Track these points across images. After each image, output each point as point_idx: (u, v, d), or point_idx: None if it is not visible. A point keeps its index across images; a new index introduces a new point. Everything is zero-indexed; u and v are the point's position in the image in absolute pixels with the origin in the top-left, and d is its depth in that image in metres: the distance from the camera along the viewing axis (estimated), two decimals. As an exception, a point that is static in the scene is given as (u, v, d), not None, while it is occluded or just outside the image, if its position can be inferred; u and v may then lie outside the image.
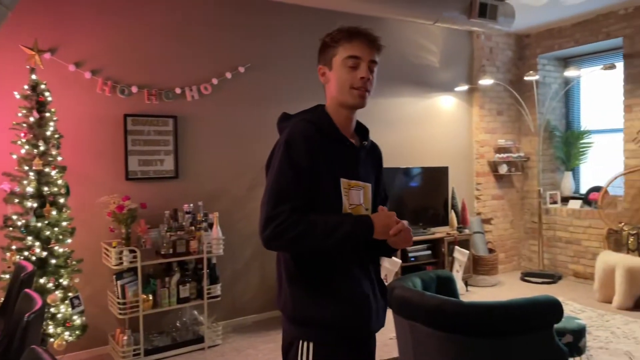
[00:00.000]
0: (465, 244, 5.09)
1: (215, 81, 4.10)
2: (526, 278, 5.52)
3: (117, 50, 3.74)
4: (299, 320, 1.45)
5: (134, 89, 3.77)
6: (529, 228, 6.01)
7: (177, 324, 3.79)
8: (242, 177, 4.28)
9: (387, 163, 5.74)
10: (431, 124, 5.45)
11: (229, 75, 4.16)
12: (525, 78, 5.43)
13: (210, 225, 3.80)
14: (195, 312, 3.90)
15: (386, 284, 1.61)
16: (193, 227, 3.69)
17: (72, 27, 3.59)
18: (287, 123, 1.54)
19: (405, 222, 1.42)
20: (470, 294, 4.99)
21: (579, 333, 2.74)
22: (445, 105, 5.57)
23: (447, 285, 2.89)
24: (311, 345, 1.42)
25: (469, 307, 2.21)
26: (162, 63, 3.92)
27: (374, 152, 1.66)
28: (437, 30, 5.36)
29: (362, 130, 1.62)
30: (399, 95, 5.15)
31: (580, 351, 2.76)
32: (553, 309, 2.30)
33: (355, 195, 1.50)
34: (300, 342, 1.44)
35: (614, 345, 3.57)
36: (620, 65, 5.09)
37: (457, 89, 5.60)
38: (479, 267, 5.35)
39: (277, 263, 1.55)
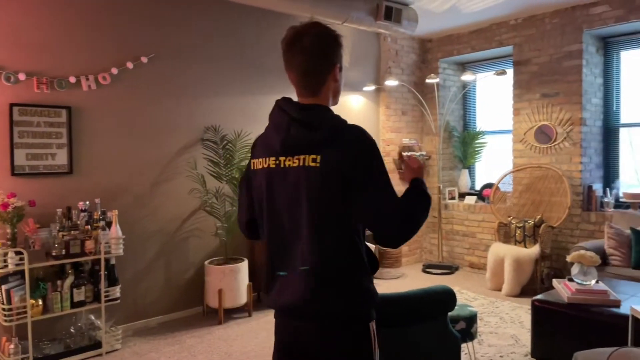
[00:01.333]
0: (371, 238, 5.26)
1: (115, 71, 3.86)
2: (427, 270, 5.84)
3: (1, 33, 3.40)
4: (366, 305, 1.46)
5: (22, 76, 3.44)
6: (430, 222, 6.36)
7: (72, 330, 3.53)
8: (145, 173, 4.08)
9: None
10: (340, 122, 5.55)
11: (130, 65, 3.94)
12: (427, 81, 5.72)
13: (109, 224, 3.58)
14: (92, 317, 3.66)
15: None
16: (89, 226, 3.45)
17: (-54, 4, 3.20)
18: (333, 116, 1.48)
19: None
20: (376, 287, 5.16)
21: (471, 320, 2.94)
22: (355, 104, 5.71)
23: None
24: (374, 323, 1.48)
25: (370, 300, 2.29)
26: (55, 49, 3.61)
27: None
28: (347, 30, 5.47)
29: None
30: (309, 92, 5.19)
31: (472, 336, 2.95)
32: (447, 298, 2.45)
33: None
34: (370, 325, 1.46)
35: (502, 329, 3.88)
36: (511, 71, 5.54)
37: (365, 88, 5.77)
38: (384, 260, 5.56)
39: (325, 266, 1.41)
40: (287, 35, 1.45)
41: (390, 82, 5.68)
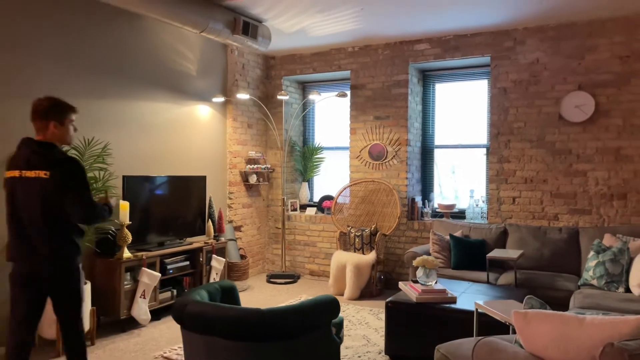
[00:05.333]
0: (221, 251, 5.20)
1: None
2: (271, 280, 5.99)
3: None
4: None
5: None
6: (273, 233, 6.54)
7: None
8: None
9: (140, 171, 5.38)
10: (188, 132, 5.38)
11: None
12: (278, 97, 5.90)
13: None
14: None
15: (145, 300, 1.94)
16: None
17: None
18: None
19: None
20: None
21: (340, 325, 3.16)
22: (202, 115, 5.59)
23: (230, 295, 2.94)
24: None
25: (268, 315, 2.32)
26: None
27: None
28: (193, 38, 5.34)
29: None
30: (153, 99, 4.92)
31: (341, 340, 3.17)
32: (332, 306, 2.61)
33: None
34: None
35: (353, 331, 4.22)
36: (349, 93, 6.07)
37: (213, 99, 5.69)
38: (232, 273, 5.53)
39: None
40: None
41: (242, 96, 5.72)
